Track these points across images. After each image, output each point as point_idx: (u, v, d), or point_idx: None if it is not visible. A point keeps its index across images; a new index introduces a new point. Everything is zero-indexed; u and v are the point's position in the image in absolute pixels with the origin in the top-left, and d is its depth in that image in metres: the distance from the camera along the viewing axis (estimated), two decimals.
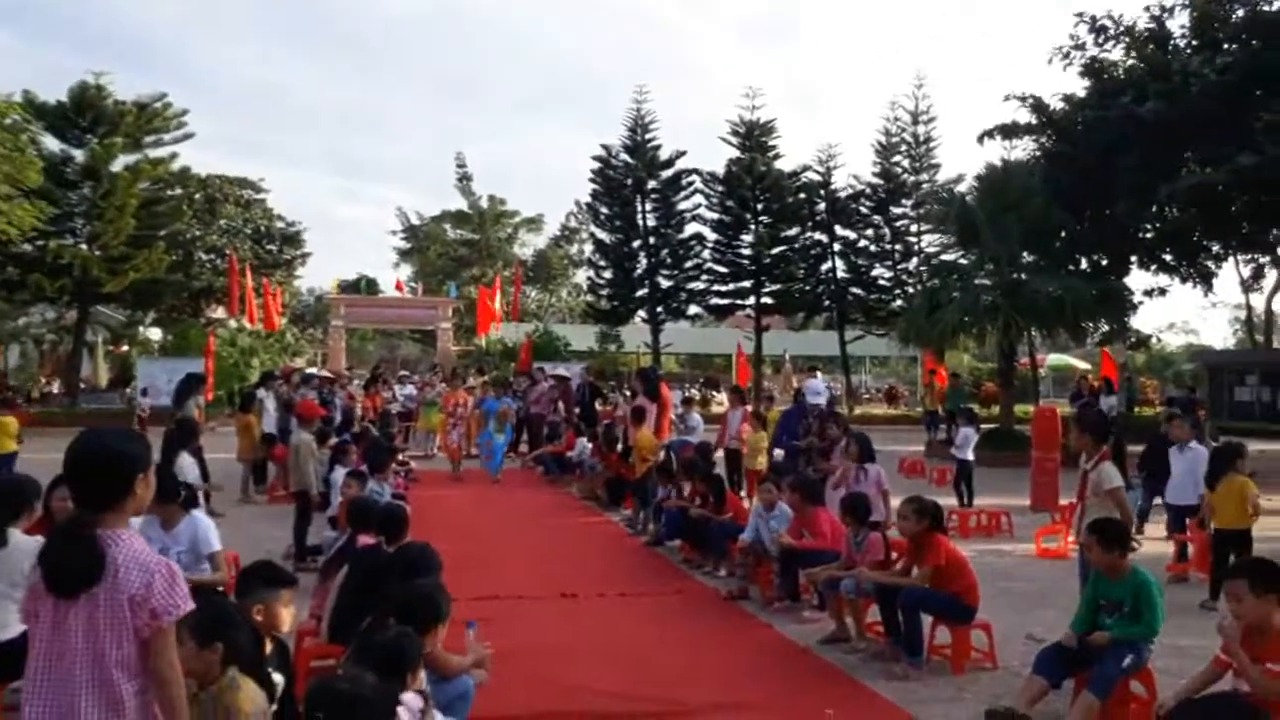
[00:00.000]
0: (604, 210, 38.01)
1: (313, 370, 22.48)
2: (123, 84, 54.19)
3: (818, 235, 36.79)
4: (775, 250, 35.94)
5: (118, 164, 30.04)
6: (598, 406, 18.61)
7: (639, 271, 37.07)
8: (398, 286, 40.90)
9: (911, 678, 5.96)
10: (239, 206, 40.78)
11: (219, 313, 37.26)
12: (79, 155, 30.17)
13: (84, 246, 29.41)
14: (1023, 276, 21.28)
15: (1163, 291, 24.53)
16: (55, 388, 33.01)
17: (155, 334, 37.08)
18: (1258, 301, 36.65)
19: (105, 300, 32.17)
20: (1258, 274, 32.27)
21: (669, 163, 36.67)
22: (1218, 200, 19.59)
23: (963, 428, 13.55)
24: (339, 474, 9.28)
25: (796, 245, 36.59)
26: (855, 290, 36.75)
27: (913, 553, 6.31)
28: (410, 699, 2.69)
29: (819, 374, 14.21)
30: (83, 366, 33.51)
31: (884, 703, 5.58)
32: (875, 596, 6.44)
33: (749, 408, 13.88)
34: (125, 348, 37.41)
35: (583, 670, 6.05)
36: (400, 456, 14.10)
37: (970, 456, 13.06)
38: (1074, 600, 6.24)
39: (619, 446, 13.73)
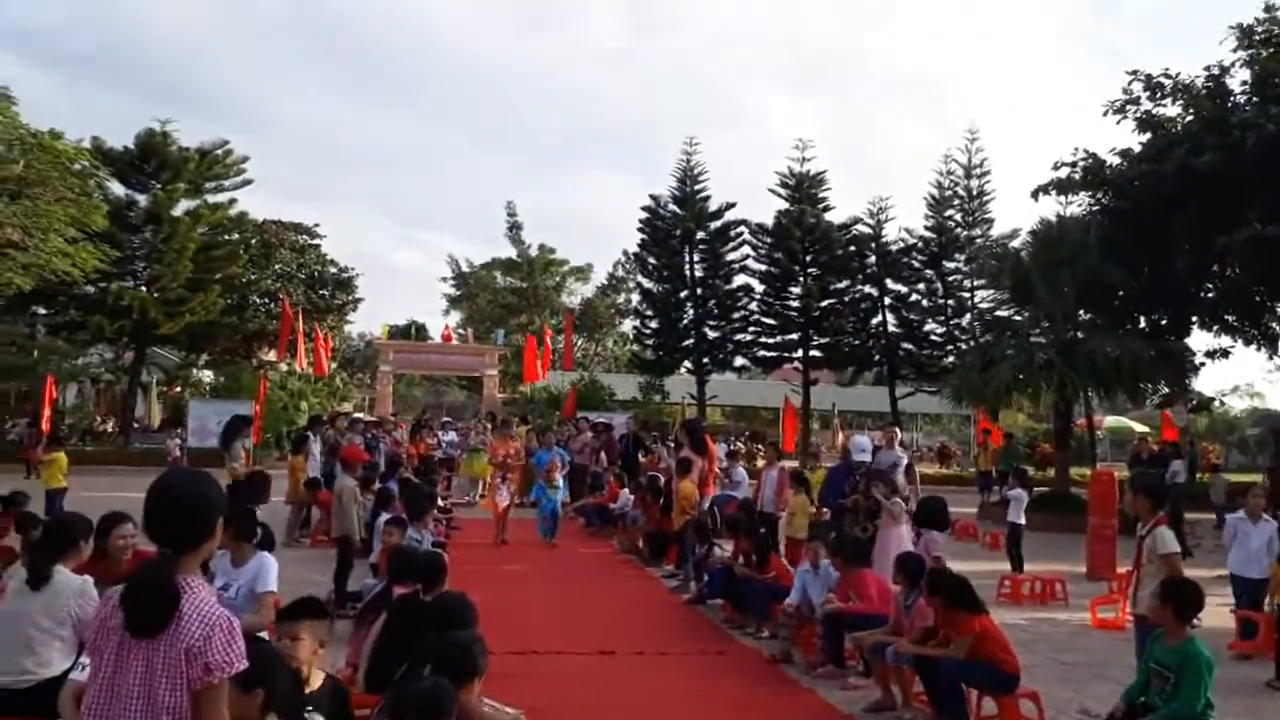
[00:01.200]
0: (651, 260, 38.19)
1: (359, 415, 22.67)
2: (185, 129, 56.14)
3: (868, 289, 36.52)
4: (824, 303, 35.72)
5: (178, 209, 31.00)
6: (640, 458, 18.39)
7: (685, 322, 37.05)
8: (445, 336, 41.32)
9: None
10: (294, 251, 41.63)
11: (270, 355, 37.89)
12: (142, 200, 31.18)
13: (143, 289, 30.23)
14: (1079, 335, 20.86)
15: (1225, 353, 23.84)
16: (110, 427, 33.69)
17: (208, 376, 37.80)
18: None
19: (161, 342, 32.96)
20: None
21: (718, 214, 36.79)
22: (1278, 257, 19.07)
23: (1014, 489, 13.18)
24: (382, 520, 9.25)
25: (846, 298, 36.34)
26: (906, 345, 36.31)
27: (946, 623, 6.08)
28: None
29: (898, 432, 13.29)
30: (137, 406, 34.21)
31: None
32: (915, 666, 6.21)
33: (783, 465, 13.08)
34: (178, 389, 38.16)
35: None
36: (442, 504, 14.08)
37: (1021, 520, 12.67)
38: (1130, 673, 5.95)
39: (661, 499, 13.52)
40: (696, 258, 36.96)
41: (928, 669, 6.06)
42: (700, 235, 36.70)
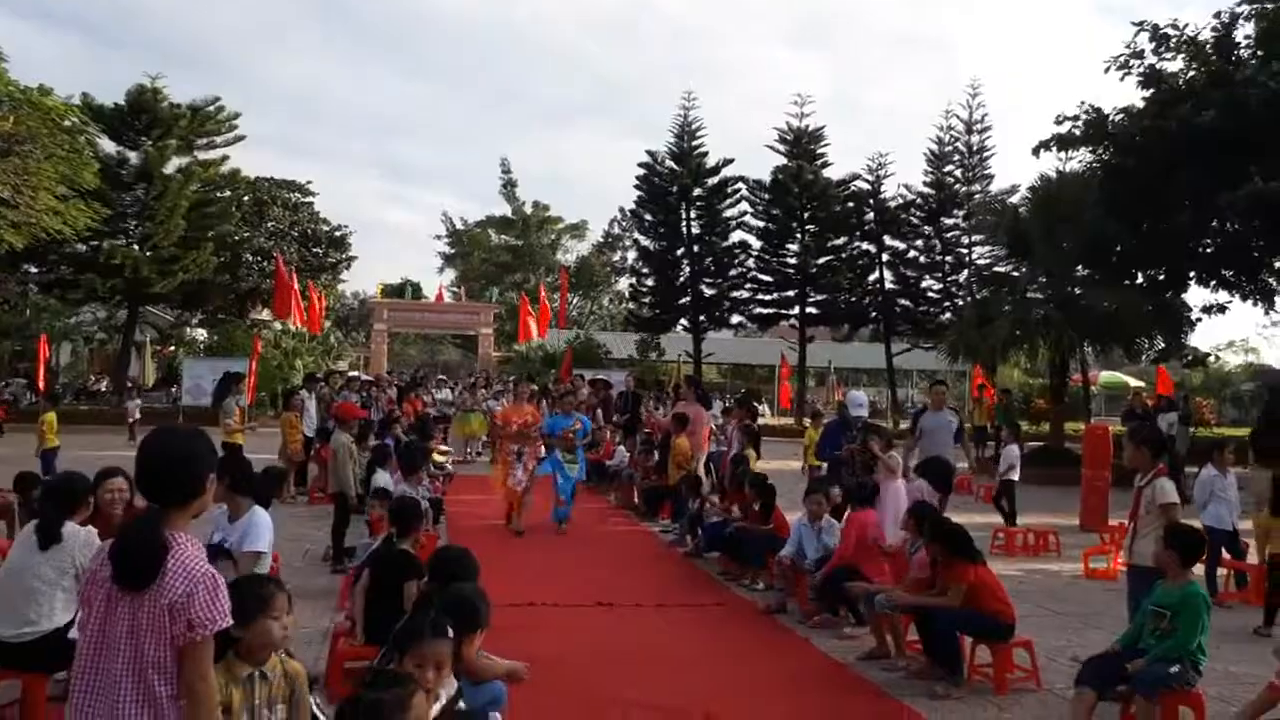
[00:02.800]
0: (648, 217, 38.00)
1: (355, 373, 22.68)
2: (177, 86, 55.52)
3: (865, 245, 36.43)
4: (821, 260, 35.65)
5: (170, 166, 30.76)
6: (641, 415, 18.34)
7: (682, 279, 36.96)
8: (438, 295, 41.21)
9: (953, 697, 5.78)
10: (286, 209, 41.35)
11: (264, 314, 37.80)
12: (133, 157, 30.90)
13: (135, 247, 30.08)
14: (1076, 290, 20.84)
15: (1222, 309, 23.79)
16: (104, 386, 33.67)
17: (202, 334, 37.73)
18: None
19: (154, 300, 32.85)
20: None
21: (715, 170, 36.56)
22: (1278, 213, 18.98)
23: (1007, 445, 13.14)
24: (380, 477, 9.28)
25: (843, 255, 36.26)
26: (903, 302, 36.29)
27: (945, 573, 6.12)
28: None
29: (946, 391, 11.85)
30: (131, 365, 34.16)
31: None
32: (912, 615, 6.26)
33: (748, 422, 12.64)
34: (172, 348, 38.08)
35: (617, 681, 5.94)
36: (437, 459, 14.09)
37: (1014, 476, 12.58)
38: (1121, 623, 6.02)
39: (655, 457, 13.55)
40: (694, 214, 36.78)
41: (924, 618, 6.11)
42: (697, 192, 36.49)
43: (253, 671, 3.28)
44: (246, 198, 37.57)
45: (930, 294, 36.25)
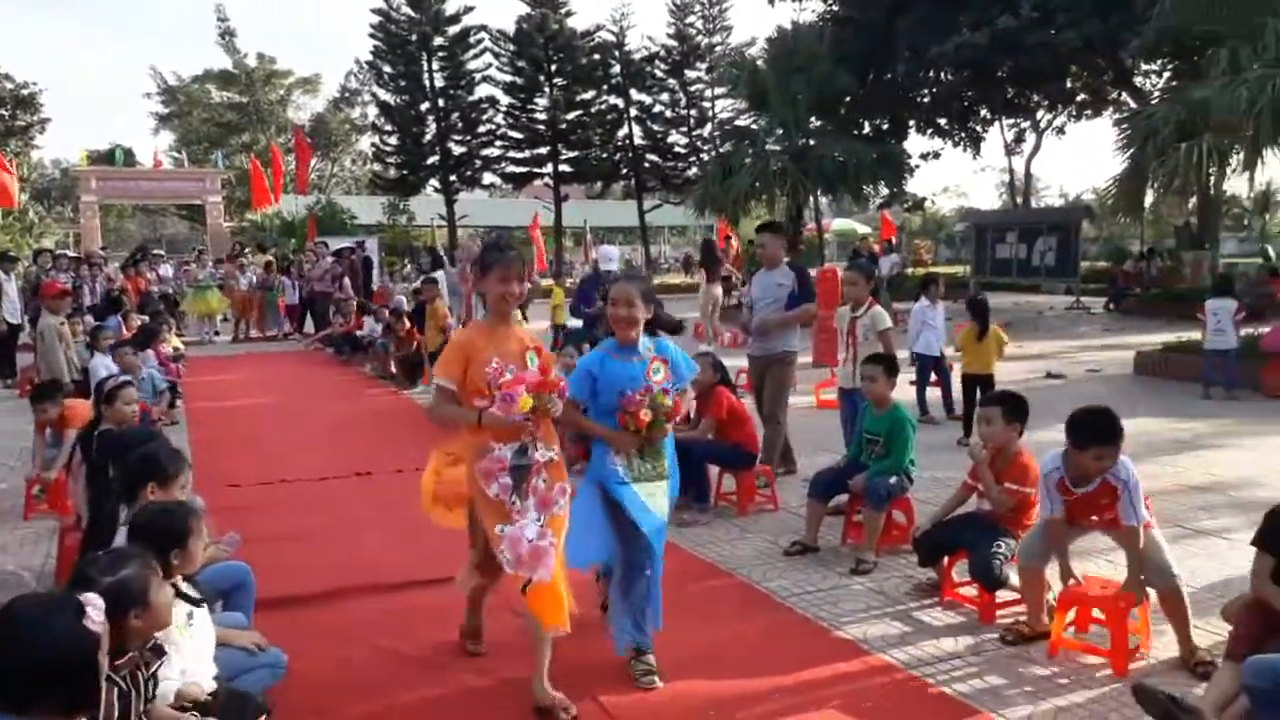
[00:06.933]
0: (387, 69, 35.92)
1: (62, 251, 20.45)
2: None
3: (613, 99, 36.40)
4: (571, 115, 35.33)
5: None
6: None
7: (428, 137, 35.53)
8: (155, 162, 37.25)
9: (700, 522, 6.22)
10: None
11: None
12: None
13: None
14: (810, 141, 21.90)
15: (937, 155, 26.04)
16: None
17: None
18: (1019, 164, 39.49)
19: None
20: (1019, 138, 34.65)
21: (455, 18, 34.91)
22: (983, 64, 20.64)
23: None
24: (99, 361, 8.54)
25: (592, 110, 36.10)
26: (652, 157, 36.84)
27: (700, 405, 6.51)
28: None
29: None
30: None
31: (671, 546, 5.77)
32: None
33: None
34: None
35: (380, 546, 5.92)
36: (173, 340, 13.15)
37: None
38: (844, 447, 6.67)
39: (407, 324, 13.27)
40: (436, 66, 35.14)
41: (683, 454, 6.46)
42: (439, 41, 34.84)
43: None
44: None
45: (677, 149, 37.01)
